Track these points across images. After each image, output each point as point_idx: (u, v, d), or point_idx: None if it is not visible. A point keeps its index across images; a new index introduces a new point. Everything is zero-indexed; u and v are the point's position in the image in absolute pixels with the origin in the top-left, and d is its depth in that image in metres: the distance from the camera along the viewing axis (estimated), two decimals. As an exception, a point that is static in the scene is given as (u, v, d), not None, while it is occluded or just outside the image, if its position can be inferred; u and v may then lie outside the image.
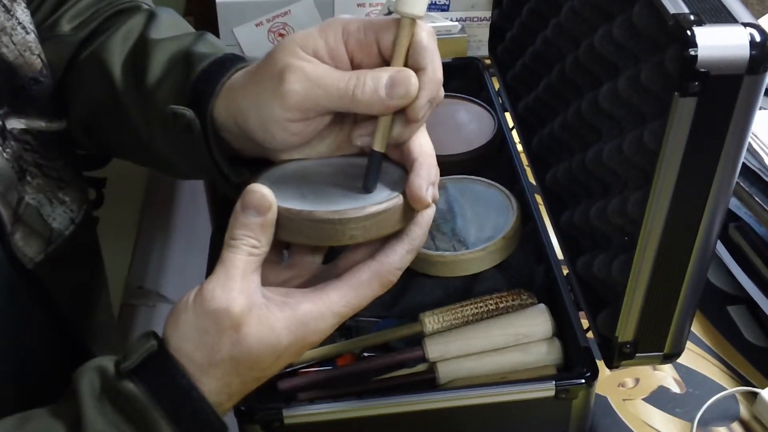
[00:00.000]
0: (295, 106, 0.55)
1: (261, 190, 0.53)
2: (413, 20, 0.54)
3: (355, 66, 0.57)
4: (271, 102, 0.56)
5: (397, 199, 0.55)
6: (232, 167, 0.63)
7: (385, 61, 0.56)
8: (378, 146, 0.57)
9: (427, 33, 0.55)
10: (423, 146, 0.57)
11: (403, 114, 0.56)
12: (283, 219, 0.54)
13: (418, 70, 0.55)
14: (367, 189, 0.57)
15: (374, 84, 0.54)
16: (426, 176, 0.56)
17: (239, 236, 0.53)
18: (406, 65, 0.55)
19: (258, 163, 0.62)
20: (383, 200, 0.55)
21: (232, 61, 0.62)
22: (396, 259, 0.56)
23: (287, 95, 0.55)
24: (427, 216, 0.58)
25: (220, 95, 0.60)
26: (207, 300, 0.52)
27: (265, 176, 0.59)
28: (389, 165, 0.59)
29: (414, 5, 0.54)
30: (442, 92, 0.56)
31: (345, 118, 0.59)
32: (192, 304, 0.53)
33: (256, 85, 0.57)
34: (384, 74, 0.54)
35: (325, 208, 0.54)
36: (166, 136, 0.65)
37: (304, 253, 0.59)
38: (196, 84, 0.62)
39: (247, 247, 0.53)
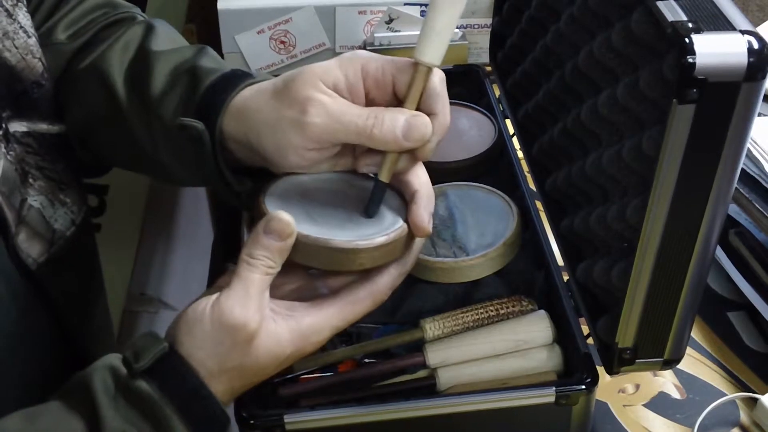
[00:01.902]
0: (314, 137, 0.58)
1: (285, 218, 0.57)
2: (430, 68, 0.58)
3: (369, 101, 0.60)
4: (290, 130, 0.59)
5: (401, 230, 0.60)
6: (234, 176, 0.65)
7: (398, 100, 0.60)
8: (384, 177, 0.61)
9: (440, 80, 0.59)
10: (421, 177, 0.62)
11: (411, 151, 0.60)
12: (300, 244, 0.58)
13: (430, 115, 0.59)
14: (369, 215, 0.61)
15: (391, 125, 0.58)
16: (426, 206, 0.61)
17: (258, 256, 0.57)
18: (418, 108, 0.59)
19: (258, 172, 0.64)
20: (389, 229, 0.59)
21: (240, 77, 0.64)
22: (389, 280, 0.61)
23: (308, 127, 0.58)
24: (419, 242, 0.63)
25: (229, 110, 0.62)
26: (226, 315, 0.55)
27: (270, 192, 0.62)
28: (388, 191, 0.62)
29: (432, 56, 0.58)
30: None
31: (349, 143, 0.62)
32: (209, 316, 0.56)
33: (275, 111, 0.60)
34: (401, 116, 0.58)
35: (335, 233, 0.58)
36: (169, 146, 0.66)
37: (296, 264, 0.61)
38: (204, 97, 0.64)
39: (265, 267, 0.57)
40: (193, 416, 0.55)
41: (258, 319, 0.56)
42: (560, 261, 0.80)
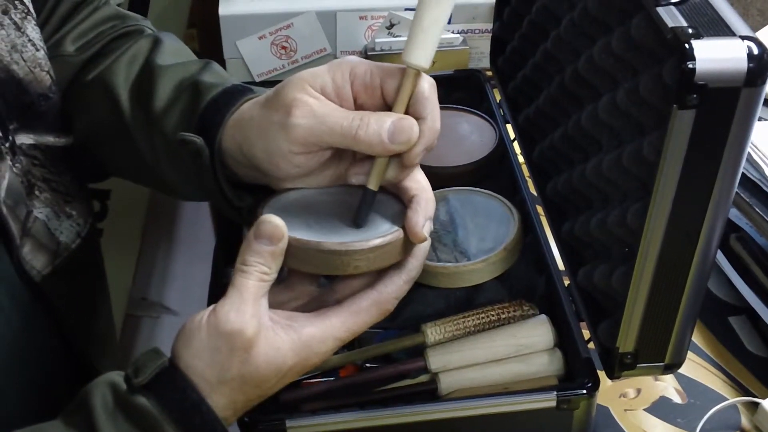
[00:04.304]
0: (299, 140, 0.57)
1: (275, 221, 0.56)
2: (418, 72, 0.57)
3: (358, 106, 0.59)
4: (277, 134, 0.58)
5: (397, 233, 0.58)
6: (235, 192, 0.65)
7: (387, 105, 0.59)
8: (372, 185, 0.59)
9: (429, 84, 0.58)
10: (420, 182, 0.60)
11: (399, 157, 0.59)
12: (293, 248, 0.57)
13: (418, 119, 0.57)
14: (357, 224, 0.60)
15: (377, 127, 0.56)
16: (423, 212, 0.59)
17: (251, 262, 0.56)
18: (407, 112, 0.58)
19: (259, 188, 0.64)
20: (385, 233, 0.58)
21: (241, 92, 0.64)
22: (394, 288, 0.59)
23: (293, 129, 0.57)
24: (423, 248, 0.61)
25: (228, 125, 0.62)
26: (222, 322, 0.54)
27: (270, 205, 0.61)
28: (388, 198, 0.62)
29: (420, 58, 0.57)
30: (435, 141, 0.59)
31: (345, 152, 0.61)
32: (205, 325, 0.55)
33: (264, 118, 0.59)
34: (387, 119, 0.57)
35: (331, 239, 0.57)
36: (171, 161, 0.66)
37: (302, 277, 0.61)
38: (205, 112, 0.64)
39: (259, 273, 0.56)
40: (193, 431, 0.54)
41: (255, 325, 0.55)
42: (561, 265, 0.80)
